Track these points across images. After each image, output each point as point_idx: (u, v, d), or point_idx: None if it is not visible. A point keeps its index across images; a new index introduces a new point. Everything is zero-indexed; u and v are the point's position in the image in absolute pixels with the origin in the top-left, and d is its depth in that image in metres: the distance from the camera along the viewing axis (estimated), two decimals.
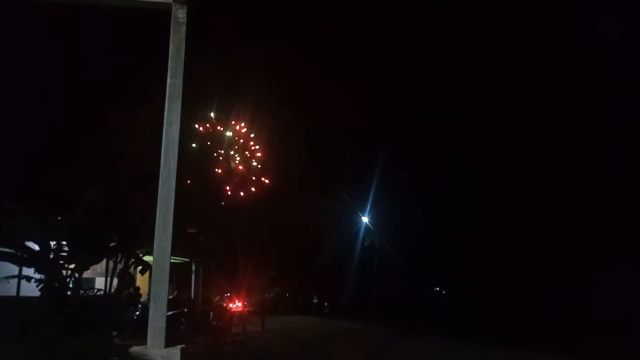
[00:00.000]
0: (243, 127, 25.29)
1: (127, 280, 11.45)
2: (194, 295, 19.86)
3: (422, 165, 29.48)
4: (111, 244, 11.24)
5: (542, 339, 14.90)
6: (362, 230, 30.28)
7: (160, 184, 3.33)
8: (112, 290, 11.41)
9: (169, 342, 3.30)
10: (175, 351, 3.21)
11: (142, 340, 3.49)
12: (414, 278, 31.66)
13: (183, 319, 13.51)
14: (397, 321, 21.57)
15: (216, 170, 24.79)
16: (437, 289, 38.53)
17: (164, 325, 3.27)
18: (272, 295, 30.83)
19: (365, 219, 29.68)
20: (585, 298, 23.99)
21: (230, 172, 24.82)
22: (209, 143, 24.51)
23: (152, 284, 3.37)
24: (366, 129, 30.77)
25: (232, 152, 25.14)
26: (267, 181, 25.50)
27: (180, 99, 3.41)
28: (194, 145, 23.31)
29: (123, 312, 12.70)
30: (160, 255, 3.34)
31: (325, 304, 31.67)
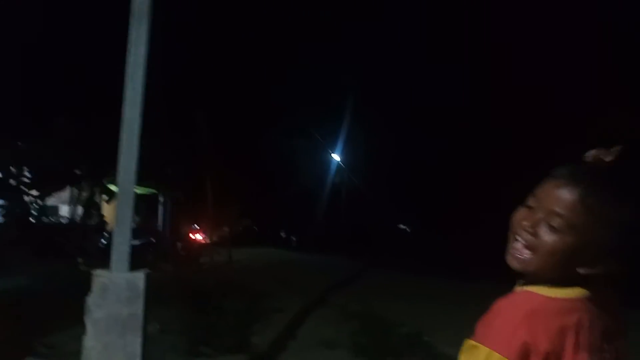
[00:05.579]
0: None
1: (92, 208, 11.39)
2: (162, 227, 19.93)
3: (394, 102, 29.40)
4: (76, 172, 11.07)
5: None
6: (332, 166, 30.57)
7: (124, 107, 3.24)
8: (78, 218, 11.36)
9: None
10: (140, 274, 3.24)
11: (108, 267, 3.52)
12: (381, 215, 32.44)
13: (150, 249, 13.65)
14: (363, 256, 22.26)
15: None
16: (402, 226, 39.61)
17: (127, 249, 3.29)
18: (240, 228, 31.16)
19: (335, 156, 29.88)
20: None
21: None
22: None
23: (117, 208, 3.36)
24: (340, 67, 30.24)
25: None
26: None
27: (147, 17, 3.24)
28: None
29: (90, 239, 12.74)
30: (125, 179, 3.30)
31: (293, 237, 32.33)
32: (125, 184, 3.30)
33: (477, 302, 1.21)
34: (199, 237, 22.11)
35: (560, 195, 0.97)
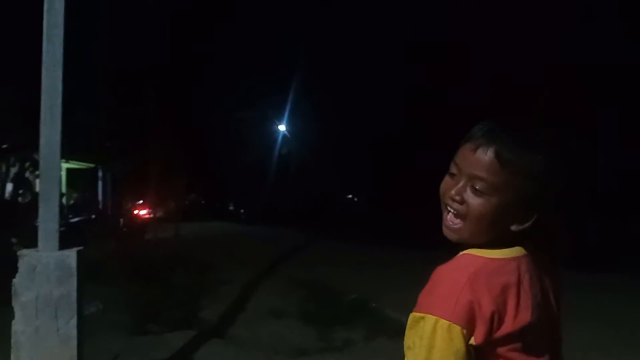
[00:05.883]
0: None
1: (23, 185, 10.75)
2: (103, 203, 19.22)
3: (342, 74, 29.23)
4: (3, 145, 10.35)
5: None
6: (280, 138, 30.32)
7: (43, 71, 2.95)
8: (7, 195, 10.69)
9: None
10: (71, 253, 3.03)
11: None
12: (329, 187, 32.65)
13: (90, 225, 13.11)
14: (312, 226, 22.35)
15: None
16: (350, 196, 40.10)
17: (56, 227, 3.06)
18: (186, 202, 30.59)
19: (282, 127, 29.61)
20: None
21: None
22: None
23: (41, 183, 3.10)
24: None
25: None
26: None
27: None
28: None
29: (23, 218, 12.08)
30: (49, 151, 3.05)
31: (241, 210, 32.04)
32: (49, 156, 3.05)
33: (424, 267, 1.18)
34: (143, 212, 21.48)
35: (477, 158, 0.96)
